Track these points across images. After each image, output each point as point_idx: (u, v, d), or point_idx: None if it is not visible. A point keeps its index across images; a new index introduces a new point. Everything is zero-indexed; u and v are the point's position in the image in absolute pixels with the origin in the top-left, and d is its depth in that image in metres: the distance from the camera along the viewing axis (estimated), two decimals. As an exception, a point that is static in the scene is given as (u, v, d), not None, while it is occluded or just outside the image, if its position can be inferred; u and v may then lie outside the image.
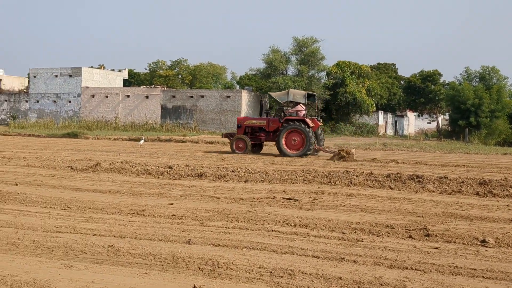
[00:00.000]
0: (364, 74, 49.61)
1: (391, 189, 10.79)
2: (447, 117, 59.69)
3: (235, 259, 5.49)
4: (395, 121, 64.93)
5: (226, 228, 6.99)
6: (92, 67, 54.08)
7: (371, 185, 11.14)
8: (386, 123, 59.73)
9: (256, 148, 21.70)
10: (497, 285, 4.91)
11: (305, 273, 5.04)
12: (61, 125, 41.99)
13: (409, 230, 7.01)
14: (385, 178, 12.01)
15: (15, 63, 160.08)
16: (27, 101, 51.15)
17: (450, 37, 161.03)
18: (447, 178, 12.15)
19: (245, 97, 44.37)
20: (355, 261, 5.52)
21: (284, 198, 9.37)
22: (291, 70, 47.94)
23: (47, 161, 14.50)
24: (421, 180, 11.59)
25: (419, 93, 59.80)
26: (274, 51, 46.96)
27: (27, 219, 7.37)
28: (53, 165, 13.78)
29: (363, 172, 13.24)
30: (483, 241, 6.43)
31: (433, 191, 10.49)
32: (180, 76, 67.90)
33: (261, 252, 5.84)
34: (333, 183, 11.35)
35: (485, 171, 15.18)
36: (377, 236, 6.73)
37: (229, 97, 44.13)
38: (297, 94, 21.53)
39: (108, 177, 11.83)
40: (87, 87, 47.31)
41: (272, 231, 6.85)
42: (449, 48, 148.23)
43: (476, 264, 5.53)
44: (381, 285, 4.78)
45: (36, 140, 29.27)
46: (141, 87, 49.80)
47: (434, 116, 65.38)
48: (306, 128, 19.99)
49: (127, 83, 60.67)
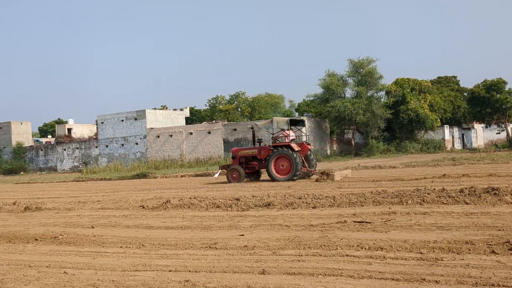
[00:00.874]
0: (424, 89, 48.50)
1: (466, 204, 10.35)
2: (516, 125, 57.12)
3: (312, 287, 5.39)
4: (462, 135, 62.63)
5: (299, 256, 6.91)
6: (155, 109, 55.96)
7: (444, 202, 10.74)
8: (452, 137, 57.72)
9: (254, 176, 23.16)
10: None
11: (386, 297, 4.87)
12: (130, 167, 43.45)
13: (491, 245, 6.67)
14: (459, 193, 11.54)
15: (84, 112, 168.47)
16: (97, 147, 53.39)
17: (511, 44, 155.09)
18: (526, 188, 11.53)
19: (305, 124, 44.31)
20: (437, 281, 5.29)
21: (355, 221, 9.18)
22: (349, 92, 47.69)
23: (120, 203, 14.96)
24: (497, 192, 11.05)
25: (484, 103, 57.47)
26: (330, 75, 46.90)
27: (105, 260, 7.59)
28: (126, 206, 14.20)
29: (434, 189, 12.79)
30: None
31: (513, 203, 9.98)
32: (239, 109, 68.98)
33: (337, 278, 5.71)
34: (404, 203, 11.03)
35: None
36: (458, 253, 6.44)
37: (289, 125, 44.20)
38: (280, 121, 22.75)
39: (178, 213, 12.06)
40: (152, 128, 48.89)
41: (346, 256, 6.71)
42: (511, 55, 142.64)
43: None
44: (468, 305, 4.55)
45: (107, 183, 30.35)
46: (203, 123, 50.94)
47: (503, 125, 62.53)
48: (291, 152, 20.88)
49: (189, 120, 62.26)
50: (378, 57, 77.68)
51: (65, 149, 56.53)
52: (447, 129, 55.29)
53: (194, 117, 69.32)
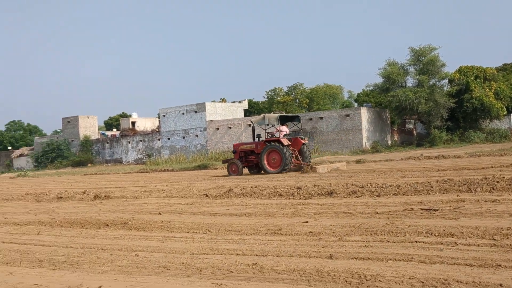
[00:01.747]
0: (489, 77, 46.52)
1: (541, 192, 9.89)
2: None
3: (382, 271, 5.33)
4: (531, 123, 59.76)
5: (366, 242, 6.84)
6: (214, 101, 56.70)
7: (516, 190, 10.31)
8: (520, 126, 55.19)
9: (255, 169, 24.16)
10: None
11: (461, 282, 4.75)
12: (191, 158, 44.32)
13: None
14: (532, 181, 11.05)
15: (146, 105, 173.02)
16: (159, 139, 54.78)
17: None
18: None
19: (365, 114, 43.66)
20: (514, 268, 5.10)
21: (422, 209, 8.98)
22: (410, 81, 46.46)
23: (184, 191, 15.30)
24: None
25: (556, 89, 54.62)
26: (390, 64, 45.87)
27: (174, 244, 7.80)
28: (190, 194, 14.51)
29: (503, 177, 12.31)
30: None
31: None
32: (297, 100, 68.73)
33: (408, 263, 5.62)
34: (473, 191, 10.68)
35: None
36: (534, 241, 6.18)
37: (348, 115, 43.71)
38: (271, 117, 23.99)
39: (241, 202, 12.20)
40: (211, 121, 49.60)
41: (415, 242, 6.58)
42: None
43: None
44: (550, 291, 4.37)
45: (170, 174, 31.11)
46: (261, 115, 51.10)
47: None
48: (281, 147, 22.11)
49: (247, 113, 62.65)
50: (440, 44, 75.22)
51: (129, 142, 58.35)
52: (514, 117, 52.92)
53: (252, 109, 69.69)
